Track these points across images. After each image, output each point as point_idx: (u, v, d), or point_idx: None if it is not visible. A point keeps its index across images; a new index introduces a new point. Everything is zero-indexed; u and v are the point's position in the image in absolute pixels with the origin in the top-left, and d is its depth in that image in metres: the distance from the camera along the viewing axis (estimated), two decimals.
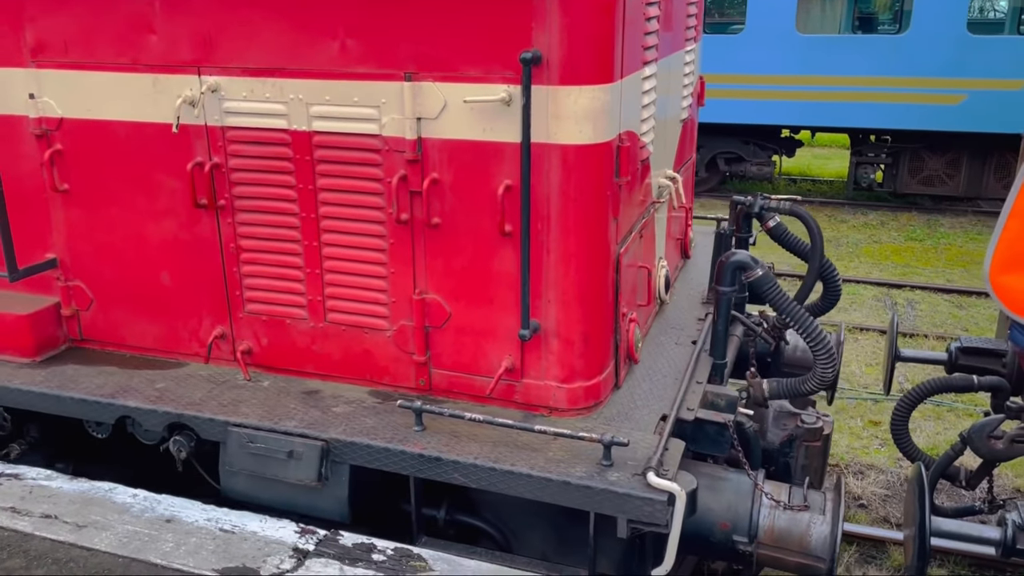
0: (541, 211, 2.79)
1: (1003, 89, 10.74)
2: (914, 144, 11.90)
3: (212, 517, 2.80)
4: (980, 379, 4.17)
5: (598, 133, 2.73)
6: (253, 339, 3.34)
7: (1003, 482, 5.21)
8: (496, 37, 2.66)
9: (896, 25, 12.45)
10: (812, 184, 14.96)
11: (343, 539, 2.70)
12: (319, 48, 2.87)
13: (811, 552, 3.01)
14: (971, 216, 12.30)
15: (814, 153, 16.69)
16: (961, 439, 3.94)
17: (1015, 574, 4.53)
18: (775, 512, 3.01)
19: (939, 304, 8.65)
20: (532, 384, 3.01)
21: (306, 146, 3.00)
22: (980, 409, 5.21)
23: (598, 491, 2.61)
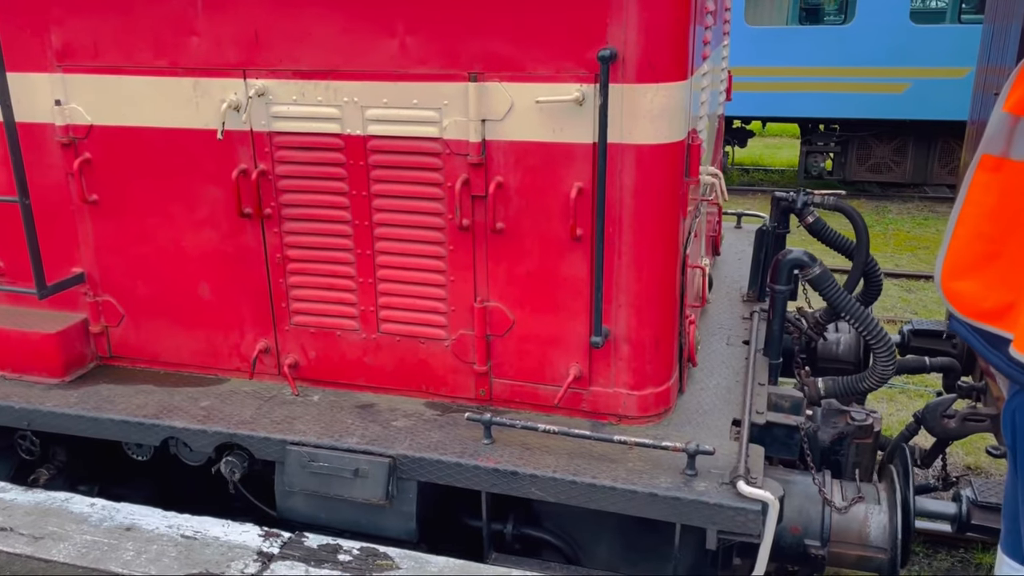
0: (613, 214, 2.70)
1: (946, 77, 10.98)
2: (862, 132, 12.12)
3: (173, 524, 2.71)
4: (932, 360, 4.30)
5: (673, 132, 2.64)
6: (300, 352, 3.20)
7: (955, 460, 5.32)
8: (569, 34, 2.55)
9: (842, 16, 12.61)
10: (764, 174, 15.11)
11: (308, 541, 2.63)
12: (376, 48, 2.74)
13: (871, 544, 2.98)
14: (917, 202, 12.65)
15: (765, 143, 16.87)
16: (915, 419, 4.03)
17: (968, 549, 4.56)
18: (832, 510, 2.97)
19: (889, 288, 8.74)
20: (600, 392, 2.92)
21: (360, 151, 2.87)
22: (932, 390, 5.28)
23: (687, 502, 2.53)
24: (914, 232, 11.27)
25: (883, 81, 11.26)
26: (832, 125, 12.49)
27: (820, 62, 11.56)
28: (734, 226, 5.41)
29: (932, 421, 3.92)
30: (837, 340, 4.27)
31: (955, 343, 4.60)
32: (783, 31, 12.32)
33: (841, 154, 12.53)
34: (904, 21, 11.08)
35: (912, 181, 12.43)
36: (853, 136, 12.27)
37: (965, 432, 4.02)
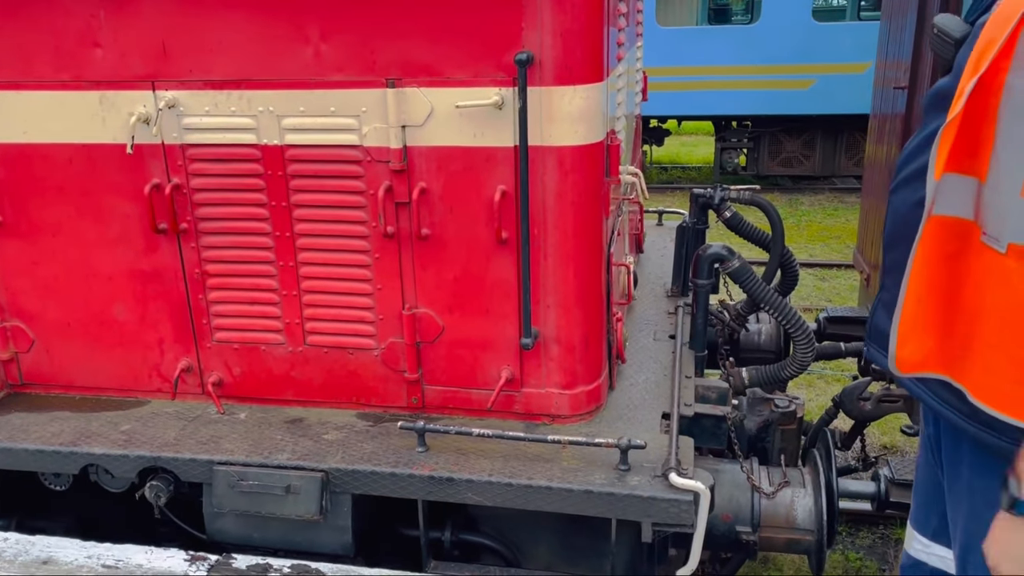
0: (538, 216, 2.72)
1: (848, 73, 11.50)
2: (772, 128, 12.60)
3: (93, 554, 2.61)
4: (847, 345, 4.52)
5: (591, 133, 2.68)
6: (224, 369, 3.12)
7: (873, 440, 5.57)
8: (485, 39, 2.56)
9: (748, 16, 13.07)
10: (682, 171, 15.52)
11: (236, 562, 2.57)
12: (290, 55, 2.69)
13: (799, 526, 3.08)
14: (828, 193, 13.24)
15: (682, 141, 17.35)
16: (833, 403, 4.22)
17: (888, 526, 4.78)
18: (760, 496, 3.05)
19: (804, 278, 9.08)
20: (533, 393, 2.93)
21: (278, 161, 2.81)
22: (849, 374, 5.53)
23: (622, 497, 2.57)
24: (826, 223, 11.72)
25: (790, 78, 11.67)
26: (744, 122, 12.90)
27: (730, 61, 11.92)
28: (656, 224, 5.52)
29: (849, 404, 4.08)
30: (759, 330, 4.40)
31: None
32: (693, 31, 12.66)
33: (754, 150, 12.94)
34: (807, 19, 11.51)
35: (821, 173, 12.94)
36: (764, 132, 12.69)
37: (880, 413, 4.21)
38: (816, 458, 3.22)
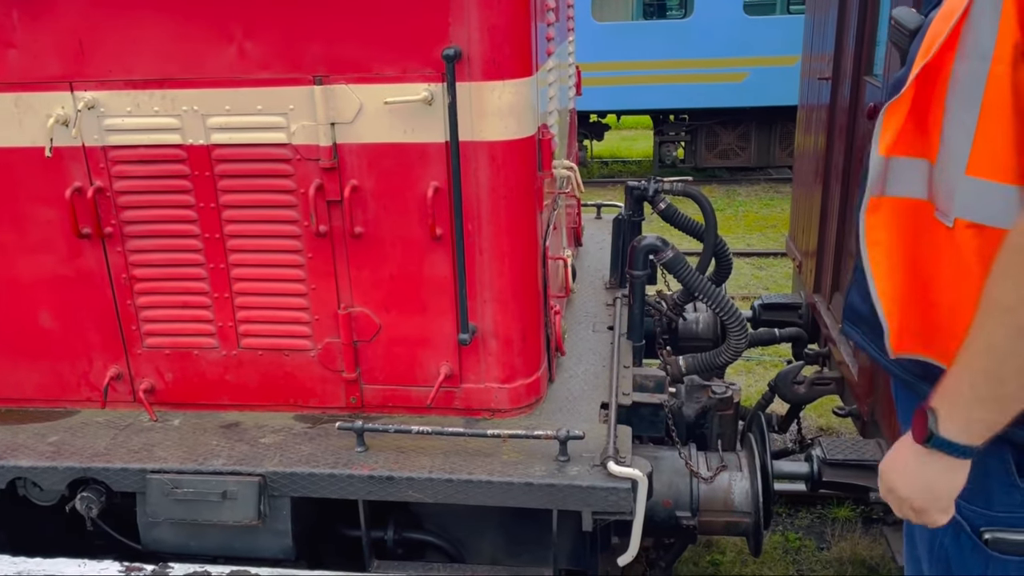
0: (471, 211, 2.72)
1: (779, 65, 11.80)
2: (708, 121, 12.84)
3: (23, 569, 2.55)
4: (781, 331, 4.66)
5: (522, 128, 2.69)
6: (156, 376, 3.05)
7: (809, 423, 5.74)
8: (413, 35, 2.55)
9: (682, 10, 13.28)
10: (623, 165, 15.71)
11: (173, 571, 2.55)
12: (213, 53, 2.64)
13: (736, 509, 3.15)
14: (763, 184, 13.58)
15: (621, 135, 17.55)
16: (769, 388, 4.34)
17: (825, 505, 4.94)
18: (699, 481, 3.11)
19: (742, 267, 9.30)
20: (472, 388, 2.94)
21: (205, 161, 2.76)
22: (785, 359, 5.69)
23: (562, 488, 2.59)
24: (762, 212, 11.99)
25: (724, 71, 11.89)
26: (682, 115, 13.08)
27: (665, 55, 12.09)
28: (595, 217, 5.57)
29: (784, 388, 4.19)
30: (696, 319, 4.49)
31: (800, 313, 4.94)
32: (629, 26, 12.79)
33: (691, 142, 13.15)
34: (738, 14, 11.74)
35: (757, 165, 13.22)
36: (701, 125, 12.90)
37: (814, 396, 4.34)
38: (751, 442, 3.30)
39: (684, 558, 4.30)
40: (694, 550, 4.40)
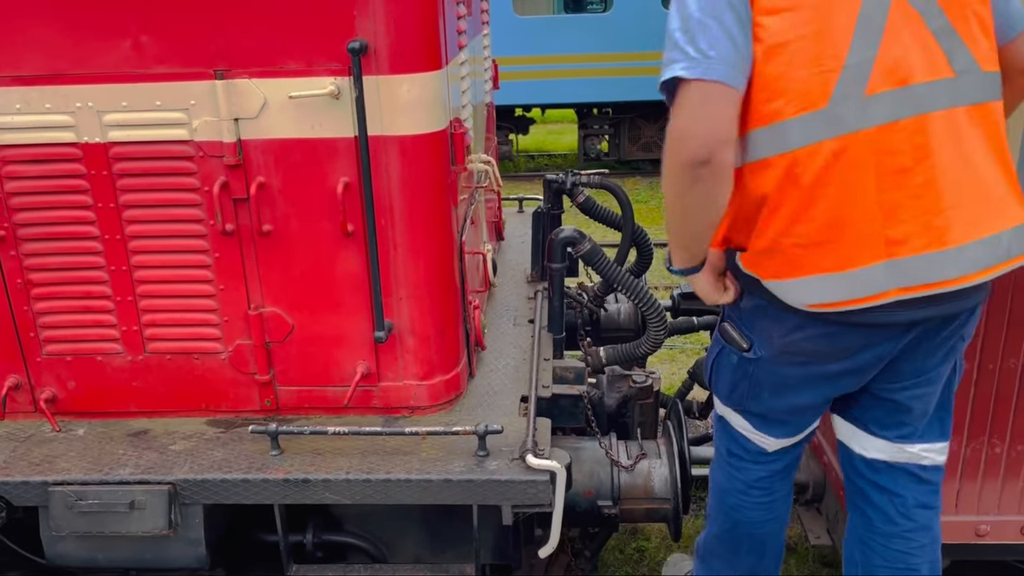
0: (383, 207, 2.68)
1: None
2: (631, 114, 12.99)
3: None
4: (699, 319, 4.76)
5: (433, 122, 2.66)
6: (57, 384, 2.92)
7: None
8: (318, 27, 2.50)
9: (603, 4, 13.41)
10: (548, 159, 15.80)
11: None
12: (108, 48, 2.53)
13: (656, 496, 3.20)
14: None
15: (548, 129, 17.64)
16: (689, 375, 4.43)
17: None
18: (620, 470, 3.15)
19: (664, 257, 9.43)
20: (390, 387, 2.90)
21: (102, 159, 2.65)
22: (704, 347, 5.80)
23: (480, 483, 2.58)
24: None
25: (644, 65, 12.03)
26: (605, 109, 13.20)
27: (587, 49, 12.16)
28: (517, 211, 5.57)
29: (701, 376, 4.27)
30: (618, 310, 4.53)
31: None
32: (550, 20, 12.83)
33: (615, 136, 13.29)
34: (657, 7, 11.89)
35: None
36: (624, 118, 13.05)
37: None
38: (670, 429, 3.35)
39: (611, 546, 4.34)
40: (620, 538, 4.45)
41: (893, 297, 1.75)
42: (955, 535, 2.51)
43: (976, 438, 2.40)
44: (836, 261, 1.76)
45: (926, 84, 1.69)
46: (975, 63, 1.73)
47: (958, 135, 1.71)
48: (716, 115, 1.82)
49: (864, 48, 1.68)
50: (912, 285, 1.73)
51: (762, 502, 2.38)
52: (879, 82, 1.69)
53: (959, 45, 1.70)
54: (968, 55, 1.72)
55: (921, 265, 1.72)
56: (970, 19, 1.73)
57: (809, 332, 1.92)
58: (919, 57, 1.70)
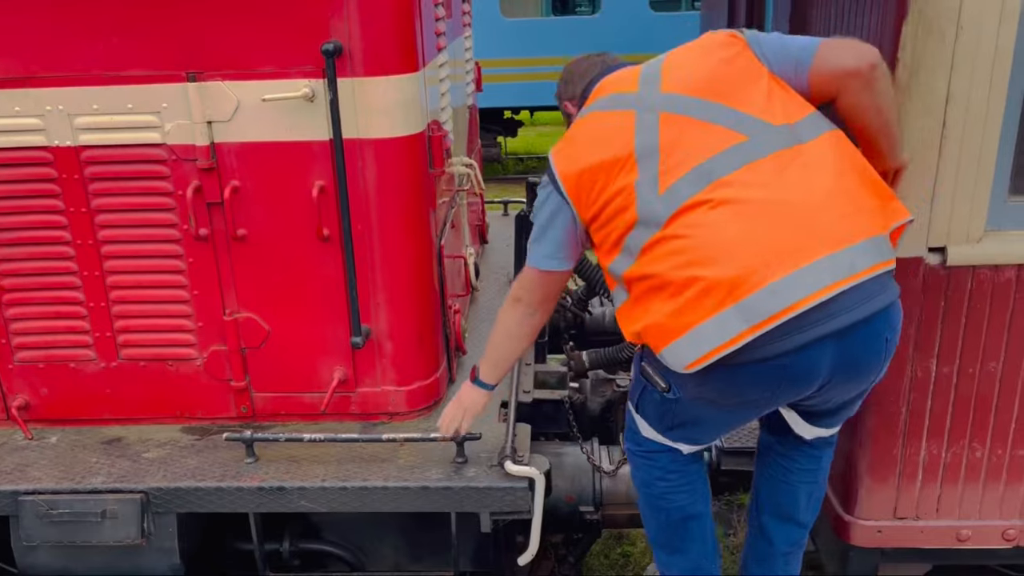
0: (360, 211, 2.65)
1: None
2: None
3: None
4: None
5: (409, 125, 2.63)
6: (30, 391, 2.87)
7: None
8: (291, 30, 2.46)
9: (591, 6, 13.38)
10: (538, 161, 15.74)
11: None
12: (79, 50, 2.50)
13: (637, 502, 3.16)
14: None
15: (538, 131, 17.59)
16: None
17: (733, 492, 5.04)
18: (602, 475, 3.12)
19: None
20: (368, 392, 2.87)
21: (73, 163, 2.61)
22: None
23: (459, 490, 2.55)
24: None
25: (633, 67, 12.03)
26: None
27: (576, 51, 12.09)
28: (501, 214, 5.54)
29: None
30: (603, 313, 4.50)
31: None
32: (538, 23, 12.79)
33: None
34: (644, 10, 11.89)
35: None
36: None
37: None
38: None
39: (595, 551, 4.32)
40: (605, 543, 4.42)
41: (749, 336, 1.86)
42: (936, 540, 2.49)
43: (957, 442, 2.38)
44: (692, 319, 1.92)
45: (711, 158, 1.95)
46: (763, 122, 1.96)
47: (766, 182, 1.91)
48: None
49: (648, 168, 2.01)
50: (764, 319, 1.86)
51: (681, 483, 2.48)
52: (667, 180, 1.98)
53: (742, 116, 1.97)
54: (752, 119, 1.96)
55: (763, 299, 1.85)
56: (747, 93, 1.99)
57: (709, 383, 2.04)
58: (699, 145, 1.98)
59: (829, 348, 1.91)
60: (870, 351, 1.98)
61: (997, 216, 2.18)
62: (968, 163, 2.12)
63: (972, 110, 2.07)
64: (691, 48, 2.19)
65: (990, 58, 2.04)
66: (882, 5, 2.14)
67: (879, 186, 1.97)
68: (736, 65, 2.04)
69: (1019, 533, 2.48)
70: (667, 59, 2.20)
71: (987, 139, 2.10)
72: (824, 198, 1.88)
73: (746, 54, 2.06)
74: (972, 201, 2.16)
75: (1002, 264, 2.19)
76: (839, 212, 1.88)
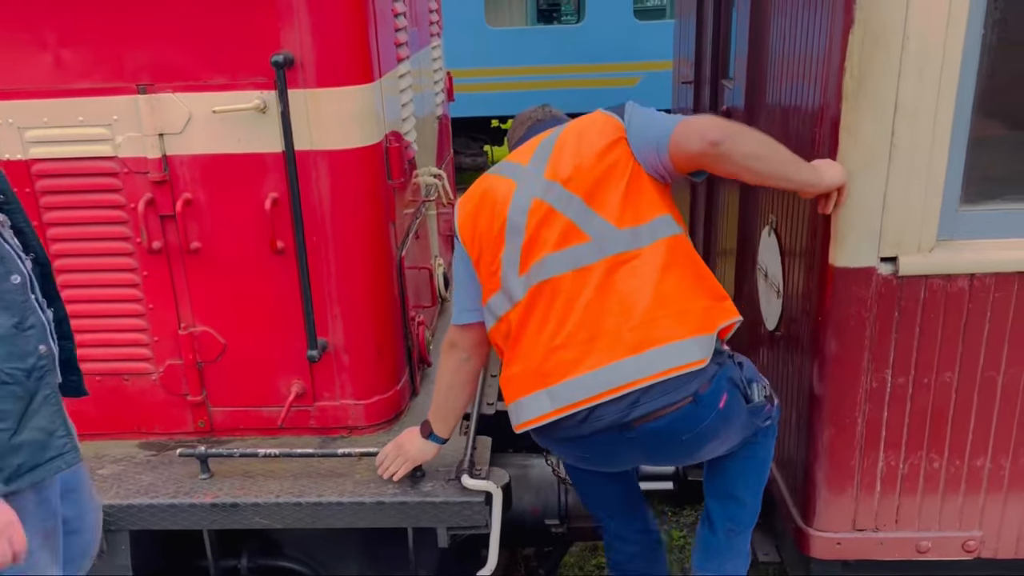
0: (315, 223, 2.62)
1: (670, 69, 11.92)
2: None
3: None
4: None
5: (365, 136, 2.61)
6: None
7: None
8: (242, 41, 2.45)
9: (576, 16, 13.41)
10: None
11: None
12: (27, 62, 2.47)
13: None
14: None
15: None
16: None
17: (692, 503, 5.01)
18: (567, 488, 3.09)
19: None
20: (327, 406, 2.84)
21: (24, 177, 2.58)
22: None
23: (414, 505, 2.52)
24: None
25: (618, 76, 12.03)
26: None
27: (561, 60, 12.12)
28: None
29: None
30: None
31: None
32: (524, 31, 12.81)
33: None
34: (629, 19, 11.91)
35: None
36: None
37: None
38: None
39: (569, 562, 4.28)
40: (580, 554, 4.39)
41: (554, 416, 2.12)
42: (896, 551, 2.47)
43: (914, 453, 2.36)
44: (520, 389, 2.19)
45: (552, 255, 2.12)
46: (610, 225, 2.09)
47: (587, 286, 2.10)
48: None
49: (513, 246, 2.17)
50: (563, 406, 2.10)
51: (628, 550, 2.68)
52: (526, 264, 2.16)
53: (593, 216, 2.10)
54: (601, 220, 2.10)
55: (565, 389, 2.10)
56: (606, 192, 2.11)
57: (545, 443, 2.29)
58: (549, 238, 2.13)
59: (621, 438, 2.12)
60: (668, 443, 2.15)
61: (948, 226, 2.17)
62: (918, 172, 2.11)
63: (920, 119, 2.06)
64: (584, 129, 2.24)
65: (937, 66, 2.03)
66: (830, 15, 2.13)
67: (710, 289, 2.14)
68: (607, 160, 2.14)
69: (979, 544, 2.46)
70: (562, 135, 2.25)
71: (936, 148, 2.09)
72: (638, 304, 2.07)
73: (620, 148, 2.15)
74: (923, 211, 2.14)
75: (954, 274, 2.18)
76: (649, 317, 2.06)
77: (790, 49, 2.48)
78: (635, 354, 2.05)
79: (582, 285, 2.11)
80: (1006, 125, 2.28)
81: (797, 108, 2.44)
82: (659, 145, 2.11)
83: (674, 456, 2.33)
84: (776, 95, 2.68)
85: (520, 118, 2.60)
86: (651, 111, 2.22)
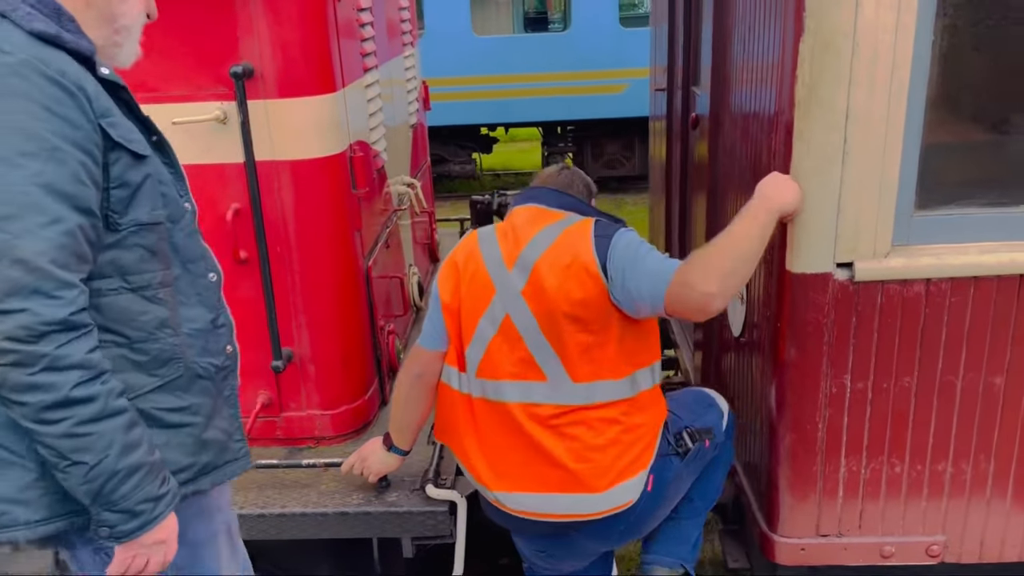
0: (278, 233, 2.62)
1: None
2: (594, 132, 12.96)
3: None
4: None
5: (327, 145, 2.62)
6: None
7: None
8: (201, 52, 2.45)
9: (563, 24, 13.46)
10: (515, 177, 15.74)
11: None
12: None
13: None
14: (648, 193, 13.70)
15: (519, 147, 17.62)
16: None
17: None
18: None
19: None
20: (294, 417, 2.83)
21: None
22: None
23: (378, 515, 2.52)
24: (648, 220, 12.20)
25: (605, 83, 12.08)
26: (569, 127, 13.21)
27: (548, 68, 12.17)
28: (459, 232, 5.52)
29: None
30: None
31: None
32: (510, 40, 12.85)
33: (578, 153, 13.29)
34: (614, 26, 11.96)
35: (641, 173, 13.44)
36: (587, 136, 13.06)
37: None
38: None
39: None
40: None
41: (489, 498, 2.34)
42: (860, 556, 2.47)
43: (875, 458, 2.36)
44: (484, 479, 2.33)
45: (510, 383, 2.21)
46: (566, 376, 2.17)
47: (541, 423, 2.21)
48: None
49: (477, 348, 2.25)
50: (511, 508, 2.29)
51: None
52: (483, 373, 2.26)
53: (554, 360, 2.17)
54: (560, 369, 2.17)
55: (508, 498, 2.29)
56: (569, 345, 2.16)
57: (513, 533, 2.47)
58: (511, 364, 2.21)
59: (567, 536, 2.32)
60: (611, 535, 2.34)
61: (903, 231, 2.17)
62: (871, 178, 2.11)
63: (872, 125, 2.07)
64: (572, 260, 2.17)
65: (888, 72, 2.03)
66: (782, 23, 2.14)
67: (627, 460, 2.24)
68: (581, 312, 2.15)
69: (943, 549, 2.45)
70: (550, 253, 2.19)
71: (889, 154, 2.09)
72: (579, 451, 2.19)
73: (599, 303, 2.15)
74: (878, 216, 2.15)
75: (910, 279, 2.18)
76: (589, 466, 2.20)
77: (749, 57, 2.50)
78: (571, 493, 2.21)
79: (529, 419, 2.22)
80: (959, 131, 2.29)
81: (756, 115, 2.45)
82: (654, 305, 2.12)
83: (626, 539, 2.44)
84: (738, 102, 2.69)
85: (540, 173, 2.57)
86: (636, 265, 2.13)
